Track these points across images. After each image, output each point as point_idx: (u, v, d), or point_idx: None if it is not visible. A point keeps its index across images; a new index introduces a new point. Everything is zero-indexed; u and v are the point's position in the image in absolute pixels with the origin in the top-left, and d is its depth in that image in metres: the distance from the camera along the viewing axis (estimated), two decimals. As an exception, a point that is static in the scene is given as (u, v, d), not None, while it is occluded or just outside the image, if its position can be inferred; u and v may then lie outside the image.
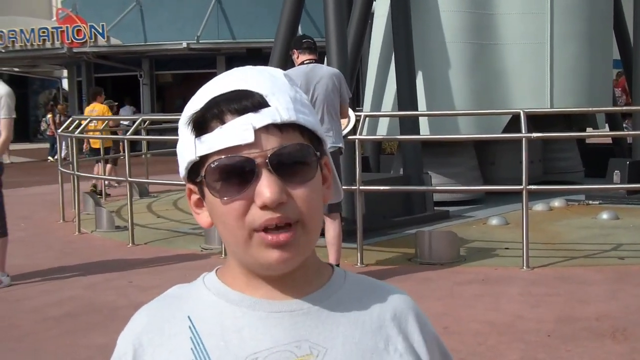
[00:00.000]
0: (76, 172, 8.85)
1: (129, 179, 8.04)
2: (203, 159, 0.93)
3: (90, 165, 12.31)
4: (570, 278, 5.75)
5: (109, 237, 8.17)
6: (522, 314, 4.86)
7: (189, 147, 0.95)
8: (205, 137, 0.93)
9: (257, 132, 0.91)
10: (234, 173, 0.91)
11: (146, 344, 0.98)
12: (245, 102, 0.92)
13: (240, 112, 0.92)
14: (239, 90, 0.93)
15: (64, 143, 14.23)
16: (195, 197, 1.00)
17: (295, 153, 0.92)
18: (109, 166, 12.12)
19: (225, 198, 0.92)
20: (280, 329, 0.95)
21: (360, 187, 6.51)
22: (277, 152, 0.91)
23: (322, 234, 5.79)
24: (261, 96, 0.93)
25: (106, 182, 11.81)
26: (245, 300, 0.97)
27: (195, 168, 0.96)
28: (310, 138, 0.96)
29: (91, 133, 11.67)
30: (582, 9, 9.87)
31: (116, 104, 16.94)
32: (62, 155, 12.18)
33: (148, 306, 1.03)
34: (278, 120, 0.92)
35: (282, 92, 0.95)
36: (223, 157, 0.91)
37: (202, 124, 0.93)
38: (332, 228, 5.67)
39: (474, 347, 4.23)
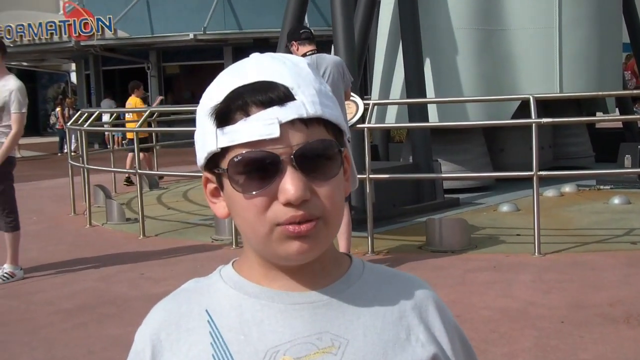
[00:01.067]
0: (86, 165, 8.87)
1: (139, 170, 8.05)
2: (224, 150, 0.91)
3: (106, 158, 12.35)
4: (583, 264, 5.73)
5: (120, 230, 8.19)
6: (534, 301, 4.85)
7: (210, 138, 0.92)
8: (228, 128, 0.90)
9: (283, 126, 0.89)
10: (258, 168, 0.89)
11: (164, 339, 0.97)
12: (271, 94, 0.89)
13: (266, 104, 0.89)
14: (263, 82, 0.91)
15: (73, 136, 14.26)
16: (212, 186, 0.98)
17: (320, 149, 0.90)
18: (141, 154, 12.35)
19: (248, 193, 0.90)
20: (300, 321, 0.93)
21: (370, 176, 6.50)
22: (303, 148, 0.89)
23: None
24: (287, 89, 0.90)
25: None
26: (263, 292, 0.96)
27: (214, 158, 0.94)
28: (334, 132, 0.94)
29: (128, 125, 11.99)
30: (590, -8, 9.80)
31: (147, 94, 17.19)
32: (72, 148, 12.20)
33: (164, 301, 1.01)
34: (304, 115, 0.90)
35: (307, 84, 0.92)
36: (246, 150, 0.89)
37: (225, 115, 0.91)
38: (341, 217, 5.64)
39: (486, 334, 4.22)
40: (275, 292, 0.95)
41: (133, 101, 12.95)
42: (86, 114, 10.10)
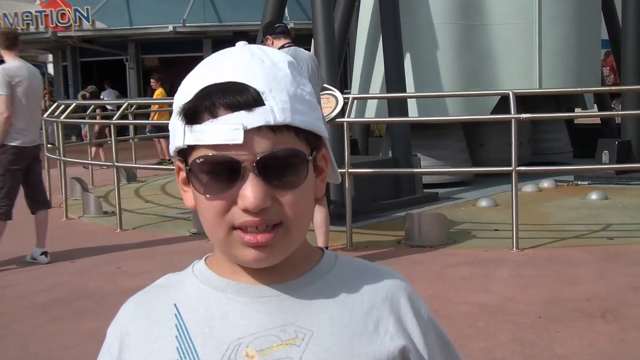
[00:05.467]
0: (63, 158, 8.77)
1: (116, 163, 7.97)
2: (191, 147, 0.91)
3: (83, 151, 12.25)
4: (560, 259, 5.76)
5: (97, 223, 8.11)
6: (512, 296, 4.86)
7: (179, 133, 0.92)
8: (195, 127, 0.89)
9: (248, 132, 0.87)
10: (220, 171, 0.89)
11: (133, 332, 0.98)
12: (240, 98, 0.88)
13: (233, 108, 0.87)
14: (234, 83, 0.88)
15: (49, 128, 14.10)
16: (183, 174, 0.97)
17: (284, 158, 0.89)
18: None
19: (208, 195, 0.90)
20: (265, 314, 0.93)
21: (349, 170, 6.48)
22: (266, 157, 0.88)
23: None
24: (257, 93, 0.88)
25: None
26: (230, 286, 0.96)
27: (184, 151, 0.93)
28: (306, 137, 0.92)
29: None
30: (570, -11, 9.85)
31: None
32: (48, 140, 12.06)
33: (136, 296, 1.02)
34: (271, 122, 0.88)
35: (280, 88, 0.90)
36: (211, 153, 0.89)
37: (193, 114, 0.90)
38: (319, 211, 5.65)
39: (463, 330, 4.22)
40: (241, 286, 0.95)
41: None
42: (63, 106, 9.98)
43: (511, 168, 6.19)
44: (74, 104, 10.20)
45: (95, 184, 11.03)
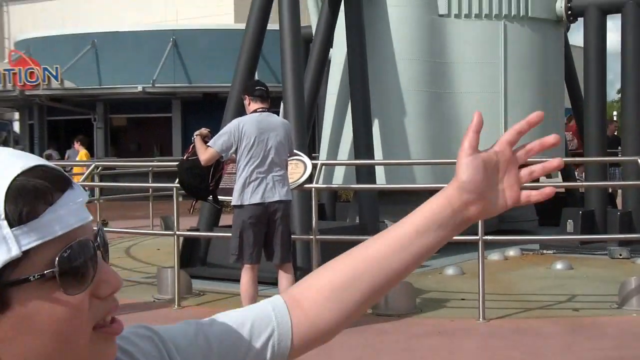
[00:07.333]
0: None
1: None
2: (24, 253, 0.71)
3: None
4: (526, 330, 5.72)
5: (57, 286, 7.90)
6: (479, 369, 4.80)
7: (1, 246, 0.70)
8: (32, 223, 0.71)
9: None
10: (82, 260, 0.74)
11: None
12: (61, 177, 0.75)
13: (63, 189, 0.75)
14: (47, 166, 0.75)
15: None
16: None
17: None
18: None
19: (77, 294, 0.73)
20: None
21: (316, 237, 6.44)
22: (100, 232, 0.78)
23: (275, 284, 5.69)
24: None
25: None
26: None
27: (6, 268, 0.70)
28: None
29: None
30: (534, 59, 10.09)
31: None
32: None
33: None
34: (86, 198, 0.78)
35: None
36: (70, 243, 0.73)
37: (27, 210, 0.72)
38: (284, 278, 5.57)
39: (431, 404, 4.14)
40: None
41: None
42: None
43: (478, 237, 6.19)
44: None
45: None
